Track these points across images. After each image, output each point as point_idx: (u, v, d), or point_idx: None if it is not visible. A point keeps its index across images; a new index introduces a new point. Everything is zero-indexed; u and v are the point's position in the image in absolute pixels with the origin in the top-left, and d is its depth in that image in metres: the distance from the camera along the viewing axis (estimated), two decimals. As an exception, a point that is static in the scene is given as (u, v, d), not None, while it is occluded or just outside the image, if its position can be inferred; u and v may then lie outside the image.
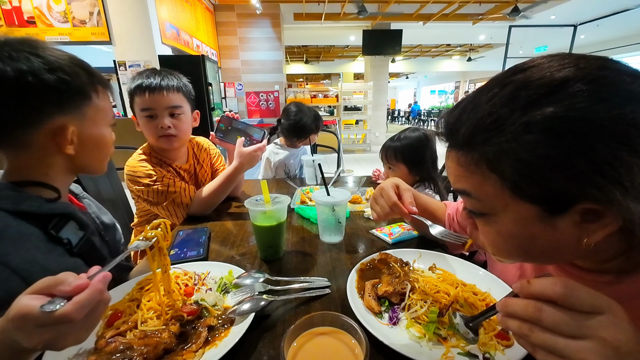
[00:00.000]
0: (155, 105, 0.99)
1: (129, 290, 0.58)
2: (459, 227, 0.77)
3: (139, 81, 0.98)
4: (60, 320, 0.33)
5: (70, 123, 0.57)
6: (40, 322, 0.32)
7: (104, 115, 0.64)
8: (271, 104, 6.51)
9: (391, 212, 0.69)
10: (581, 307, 0.28)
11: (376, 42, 7.13)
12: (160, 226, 0.52)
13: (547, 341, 0.29)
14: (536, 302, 0.30)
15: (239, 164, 1.02)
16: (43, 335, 0.33)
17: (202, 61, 3.87)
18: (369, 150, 7.41)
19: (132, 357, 0.42)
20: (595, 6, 6.10)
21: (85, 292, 0.34)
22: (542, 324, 0.29)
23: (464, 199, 0.43)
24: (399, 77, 20.22)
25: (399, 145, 1.25)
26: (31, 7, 3.58)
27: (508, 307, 0.32)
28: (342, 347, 0.39)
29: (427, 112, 15.58)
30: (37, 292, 0.34)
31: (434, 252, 0.71)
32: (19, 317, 0.33)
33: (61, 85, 0.54)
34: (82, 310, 0.34)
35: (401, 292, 0.56)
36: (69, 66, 0.56)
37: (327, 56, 12.80)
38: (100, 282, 0.36)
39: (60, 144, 0.57)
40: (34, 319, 0.32)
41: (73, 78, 0.56)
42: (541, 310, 0.29)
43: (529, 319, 0.30)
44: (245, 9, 5.94)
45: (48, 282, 0.35)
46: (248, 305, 0.53)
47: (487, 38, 9.33)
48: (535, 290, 0.30)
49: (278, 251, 0.76)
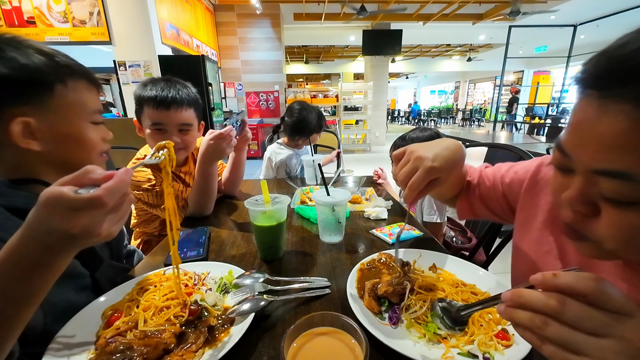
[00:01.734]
0: (166, 121, 0.98)
1: (129, 290, 0.58)
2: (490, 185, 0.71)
3: (153, 93, 0.96)
4: (92, 202, 0.34)
5: (30, 116, 0.52)
6: (73, 205, 0.33)
7: (78, 110, 0.59)
8: (271, 104, 6.51)
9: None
10: (611, 306, 0.27)
11: (376, 42, 7.13)
12: (166, 147, 0.50)
13: (564, 335, 0.28)
14: (560, 294, 0.29)
15: (201, 153, 0.97)
16: (79, 218, 0.34)
17: (202, 61, 3.87)
18: (369, 150, 7.41)
19: (132, 357, 0.42)
20: (595, 6, 6.10)
21: (112, 180, 0.36)
22: (562, 317, 0.28)
23: (610, 182, 0.32)
24: (399, 77, 20.22)
25: (414, 141, 1.24)
26: (31, 7, 3.58)
27: (522, 298, 0.30)
28: (342, 347, 0.39)
29: (427, 112, 15.59)
30: (63, 183, 0.35)
31: (434, 252, 0.71)
32: (52, 199, 0.33)
33: (10, 76, 0.50)
34: (112, 196, 0.35)
35: (401, 292, 0.56)
36: (26, 55, 0.52)
37: (327, 56, 12.79)
38: (125, 174, 0.37)
39: (10, 136, 0.52)
40: (68, 202, 0.33)
41: (28, 68, 0.52)
42: (565, 304, 0.28)
43: (549, 312, 0.29)
44: (245, 9, 5.94)
45: (76, 173, 0.36)
46: (248, 305, 0.53)
47: (487, 38, 9.33)
48: (563, 283, 0.29)
49: (278, 251, 0.76)
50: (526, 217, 0.62)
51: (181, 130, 1.02)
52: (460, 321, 0.43)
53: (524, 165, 0.66)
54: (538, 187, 0.60)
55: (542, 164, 0.61)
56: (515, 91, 10.75)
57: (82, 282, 0.60)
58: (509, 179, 0.67)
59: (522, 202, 0.63)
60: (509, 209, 0.69)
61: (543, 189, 0.60)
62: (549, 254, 0.56)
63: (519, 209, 0.64)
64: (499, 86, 6.53)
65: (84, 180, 0.35)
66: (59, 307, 0.52)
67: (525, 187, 0.63)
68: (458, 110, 16.88)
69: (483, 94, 17.12)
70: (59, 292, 0.53)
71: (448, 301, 0.46)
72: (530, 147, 2.95)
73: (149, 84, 0.98)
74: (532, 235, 0.60)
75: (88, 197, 0.33)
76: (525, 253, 0.62)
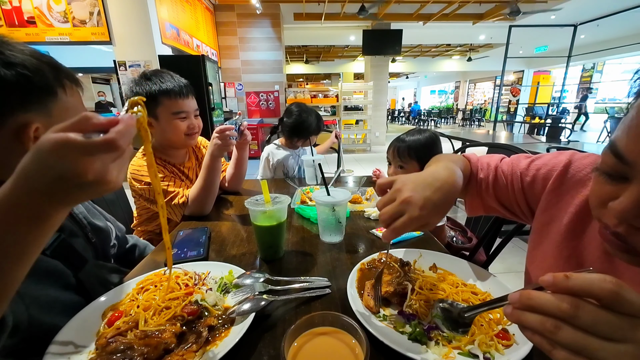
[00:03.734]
0: (187, 108, 1.10)
1: (129, 290, 0.58)
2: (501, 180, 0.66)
3: (167, 86, 1.04)
4: (105, 145, 0.32)
5: (34, 121, 0.53)
6: (85, 149, 0.31)
7: (75, 113, 0.59)
8: (271, 104, 6.51)
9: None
10: (629, 309, 0.26)
11: (376, 42, 7.13)
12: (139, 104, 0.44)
13: (579, 340, 0.26)
14: (573, 297, 0.27)
15: (209, 151, 1.05)
16: (92, 163, 0.32)
17: (202, 61, 3.87)
18: (369, 150, 7.41)
19: (132, 357, 0.42)
20: (595, 6, 6.10)
21: (121, 123, 0.34)
22: (576, 321, 0.27)
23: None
24: (399, 77, 20.22)
25: (412, 143, 1.24)
26: (31, 7, 3.58)
27: (531, 300, 0.29)
28: (342, 347, 0.39)
29: (427, 112, 15.59)
30: (65, 129, 0.32)
31: (434, 252, 0.71)
32: (62, 144, 0.31)
33: (22, 81, 0.51)
34: (125, 139, 0.33)
35: (401, 293, 0.56)
36: (31, 61, 0.53)
37: (327, 56, 12.80)
38: (130, 118, 0.35)
39: (25, 142, 0.53)
40: (79, 146, 0.31)
41: (34, 74, 0.53)
42: (579, 307, 0.27)
43: (561, 315, 0.27)
44: (245, 9, 5.94)
45: (76, 119, 0.33)
46: (248, 305, 0.53)
47: (487, 38, 9.33)
48: (576, 285, 0.27)
49: (278, 251, 0.76)
50: (548, 220, 0.58)
51: (195, 116, 1.15)
52: (462, 323, 0.42)
53: (545, 162, 0.61)
54: (564, 188, 0.56)
55: (569, 162, 0.57)
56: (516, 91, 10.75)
57: (65, 280, 0.60)
58: (530, 177, 0.62)
59: (546, 203, 0.59)
60: (527, 208, 0.64)
61: (570, 190, 0.55)
62: (570, 259, 0.54)
63: (541, 210, 0.60)
64: (499, 86, 6.53)
65: (86, 126, 0.32)
66: (42, 301, 0.53)
67: (550, 187, 0.58)
68: (458, 110, 16.88)
69: (483, 93, 17.13)
70: (39, 287, 0.53)
71: (450, 302, 0.45)
72: (531, 147, 2.95)
73: (153, 78, 1.04)
74: (552, 238, 0.57)
75: (102, 140, 0.31)
76: (543, 257, 0.59)
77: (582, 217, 0.53)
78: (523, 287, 0.65)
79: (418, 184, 0.50)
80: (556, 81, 12.32)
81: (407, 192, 0.48)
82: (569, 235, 0.54)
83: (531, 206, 0.64)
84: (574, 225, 0.54)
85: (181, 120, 1.09)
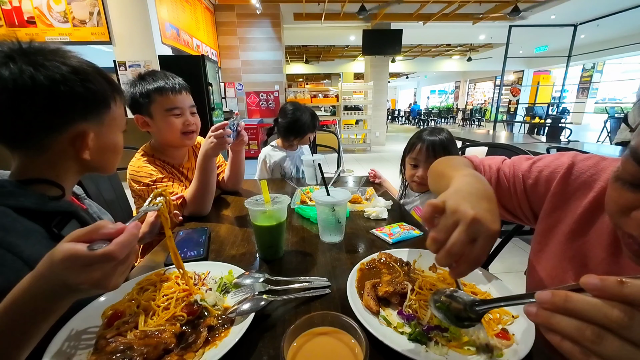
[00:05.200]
0: (181, 104, 1.09)
1: (129, 290, 0.58)
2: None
3: (159, 83, 1.04)
4: (105, 257, 0.36)
5: (90, 130, 0.59)
6: (87, 261, 0.36)
7: (119, 122, 0.68)
8: (271, 104, 6.51)
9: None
10: None
11: (376, 42, 7.13)
12: (162, 194, 0.55)
13: (625, 354, 0.24)
14: (625, 305, 0.24)
15: (202, 150, 1.03)
16: (91, 273, 0.37)
17: (202, 61, 3.87)
18: (369, 150, 7.41)
19: (132, 357, 0.42)
20: (595, 6, 6.10)
21: (123, 234, 0.39)
22: (626, 332, 0.24)
23: None
24: (399, 77, 20.22)
25: (436, 141, 1.21)
26: (31, 7, 3.59)
27: (569, 302, 0.26)
28: (342, 347, 0.39)
29: (427, 112, 15.59)
30: (76, 239, 0.37)
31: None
32: (69, 256, 0.36)
33: (88, 94, 0.58)
34: (123, 250, 0.38)
35: (401, 293, 0.55)
36: (95, 76, 0.59)
37: (327, 56, 12.79)
38: (135, 228, 0.40)
39: (78, 149, 0.59)
40: (82, 258, 0.36)
41: (98, 88, 0.59)
42: (634, 317, 0.24)
43: (609, 324, 0.24)
44: (245, 9, 5.94)
45: (88, 229, 0.38)
46: (248, 305, 0.53)
47: (487, 38, 9.33)
48: (633, 293, 0.24)
49: (278, 251, 0.76)
50: (554, 222, 0.58)
51: (192, 113, 1.13)
52: (468, 317, 0.40)
53: (547, 163, 0.60)
54: (569, 190, 0.56)
55: (572, 164, 0.56)
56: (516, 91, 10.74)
57: None
58: (532, 179, 0.61)
59: (551, 206, 0.58)
60: (529, 210, 0.64)
61: (575, 192, 0.55)
62: (573, 259, 0.53)
63: (546, 213, 0.59)
64: (499, 86, 6.52)
65: (96, 235, 0.38)
66: None
67: (554, 190, 0.57)
68: (458, 110, 16.88)
69: (483, 93, 17.12)
70: None
71: (453, 294, 0.43)
72: (531, 147, 2.94)
73: (147, 77, 1.05)
74: (557, 239, 0.57)
75: (101, 253, 0.36)
76: (547, 258, 0.58)
77: (587, 218, 0.53)
78: (525, 287, 0.64)
79: (473, 199, 0.43)
80: (556, 81, 12.32)
81: (469, 210, 0.39)
82: (573, 236, 0.54)
83: (534, 208, 0.63)
84: (579, 227, 0.54)
85: (176, 117, 1.08)
